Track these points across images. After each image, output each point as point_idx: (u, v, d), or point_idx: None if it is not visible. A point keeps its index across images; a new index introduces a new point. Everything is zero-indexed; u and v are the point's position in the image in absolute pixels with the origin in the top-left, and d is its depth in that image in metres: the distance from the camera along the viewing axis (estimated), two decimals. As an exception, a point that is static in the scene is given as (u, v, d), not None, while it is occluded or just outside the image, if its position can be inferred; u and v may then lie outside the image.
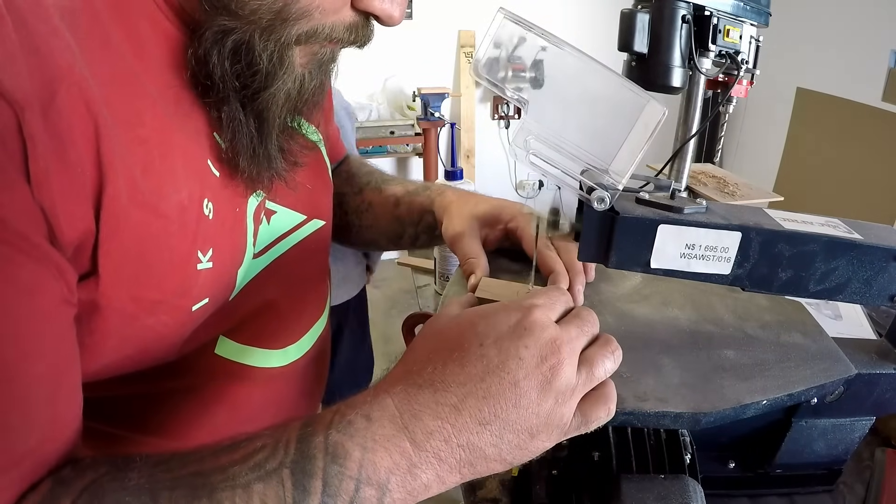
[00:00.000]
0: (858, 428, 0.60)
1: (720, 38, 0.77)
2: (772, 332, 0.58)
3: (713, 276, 0.50)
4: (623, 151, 0.45)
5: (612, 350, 0.41)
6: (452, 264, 1.27)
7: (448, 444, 0.36)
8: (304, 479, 0.34)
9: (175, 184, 0.41)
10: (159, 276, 0.41)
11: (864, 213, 2.69)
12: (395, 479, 0.35)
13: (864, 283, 0.52)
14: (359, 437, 0.36)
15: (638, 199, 0.51)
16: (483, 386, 0.37)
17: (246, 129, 0.45)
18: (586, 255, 0.50)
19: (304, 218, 0.61)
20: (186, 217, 0.42)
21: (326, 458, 0.35)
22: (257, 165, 0.47)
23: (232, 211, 0.48)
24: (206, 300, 0.46)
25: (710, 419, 0.46)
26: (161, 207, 0.40)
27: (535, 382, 0.37)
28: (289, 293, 0.59)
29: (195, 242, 0.43)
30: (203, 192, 0.44)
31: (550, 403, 0.38)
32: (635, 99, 0.45)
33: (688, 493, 0.47)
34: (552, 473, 0.56)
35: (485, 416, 0.37)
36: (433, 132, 3.24)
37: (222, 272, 0.47)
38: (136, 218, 0.38)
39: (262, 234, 0.54)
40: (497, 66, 0.46)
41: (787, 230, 0.49)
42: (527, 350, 0.38)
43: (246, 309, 0.54)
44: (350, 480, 0.35)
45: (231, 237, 0.48)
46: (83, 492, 0.34)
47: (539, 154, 0.45)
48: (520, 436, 0.38)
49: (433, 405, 0.37)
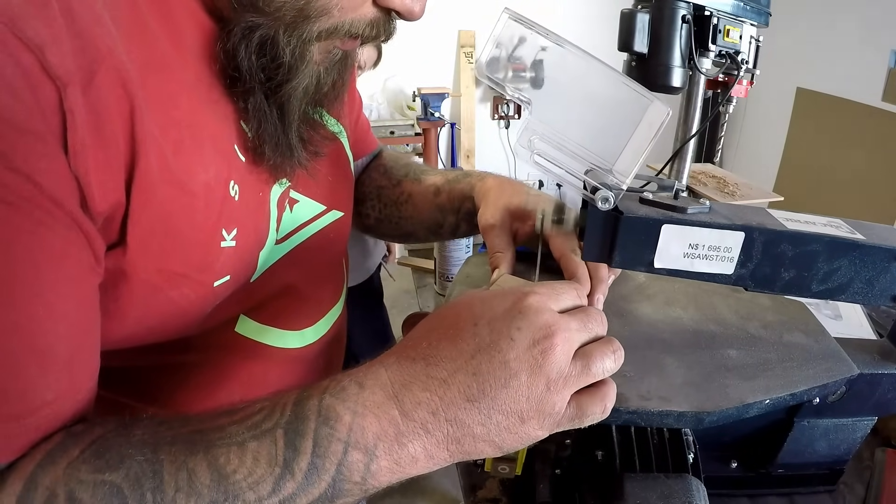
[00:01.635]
0: (860, 428, 0.60)
1: (720, 38, 0.77)
2: (774, 332, 0.58)
3: (716, 276, 0.51)
4: (627, 151, 0.45)
5: (614, 349, 0.41)
6: (452, 264, 1.27)
7: (436, 417, 0.37)
8: (295, 438, 0.36)
9: (203, 164, 0.43)
10: (184, 250, 0.43)
11: (864, 213, 2.70)
12: (383, 446, 0.37)
13: (867, 283, 0.52)
14: (350, 402, 0.37)
15: (641, 198, 0.51)
16: (473, 363, 0.38)
17: (270, 118, 0.47)
18: (590, 254, 0.50)
19: (325, 208, 0.63)
20: (213, 196, 0.44)
21: (318, 420, 0.36)
22: (280, 153, 0.49)
23: (256, 195, 0.50)
24: (228, 277, 0.48)
25: (714, 418, 0.47)
26: (189, 185, 0.42)
27: (526, 364, 0.37)
28: (307, 278, 0.61)
29: (220, 221, 0.45)
30: (230, 175, 0.46)
31: (541, 388, 0.38)
32: (639, 99, 0.45)
33: (691, 492, 0.47)
34: (556, 472, 0.56)
35: (473, 393, 0.37)
36: (433, 132, 3.24)
37: (244, 252, 0.49)
38: (165, 193, 0.40)
39: (284, 222, 0.56)
40: (501, 66, 0.47)
41: (789, 230, 0.50)
42: (519, 332, 0.38)
43: (266, 291, 0.56)
44: (339, 443, 0.36)
45: (254, 220, 0.50)
46: (92, 444, 0.36)
47: (543, 154, 0.46)
48: (509, 417, 0.38)
49: (423, 377, 0.38)
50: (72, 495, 0.34)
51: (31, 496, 0.34)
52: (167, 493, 0.34)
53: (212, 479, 0.35)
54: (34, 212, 0.33)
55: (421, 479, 1.79)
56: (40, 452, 0.36)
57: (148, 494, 0.34)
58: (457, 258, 1.26)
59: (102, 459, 0.35)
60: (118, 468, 0.35)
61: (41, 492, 0.34)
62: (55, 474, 0.35)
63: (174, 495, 0.34)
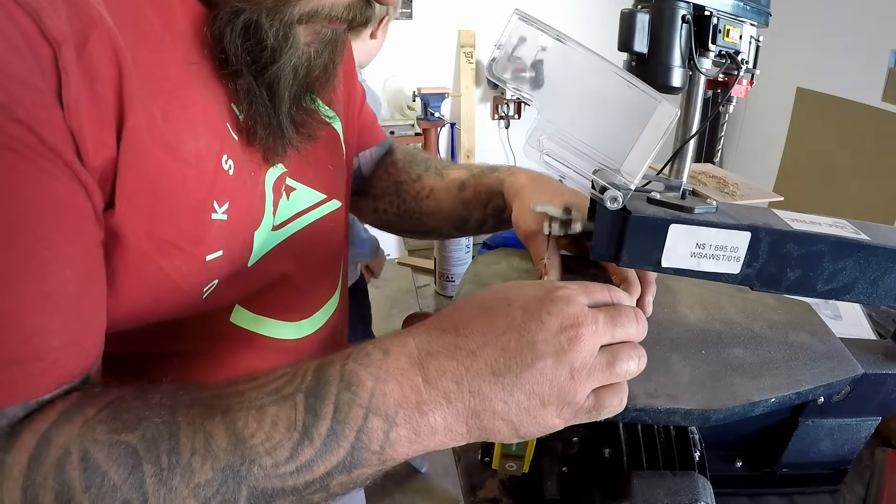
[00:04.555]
0: (864, 428, 0.60)
1: (720, 38, 0.77)
2: (780, 332, 0.58)
3: (723, 276, 0.51)
4: (635, 152, 0.46)
5: (639, 354, 0.42)
6: (452, 264, 1.27)
7: (459, 387, 0.37)
8: (316, 403, 0.36)
9: (194, 133, 0.44)
10: (174, 217, 0.43)
11: (864, 213, 2.70)
12: (403, 413, 0.37)
13: (871, 283, 0.52)
14: (373, 368, 0.37)
15: (649, 198, 0.51)
16: (503, 339, 0.38)
17: (260, 99, 0.48)
18: (598, 253, 0.51)
19: (324, 197, 0.63)
20: (204, 166, 0.45)
21: (340, 385, 0.37)
22: (272, 134, 0.50)
23: (250, 174, 0.50)
24: (221, 252, 0.48)
25: (720, 416, 0.47)
26: (179, 151, 0.42)
27: (552, 348, 0.38)
28: (304, 268, 0.61)
29: (212, 192, 0.45)
30: (222, 149, 0.46)
31: (565, 375, 0.38)
32: (647, 100, 0.45)
33: (697, 490, 0.48)
34: (563, 470, 0.57)
35: (499, 367, 0.38)
36: (433, 132, 3.24)
37: (238, 229, 0.49)
38: (155, 156, 0.41)
39: (282, 209, 0.56)
40: (510, 66, 0.47)
41: (795, 230, 0.50)
42: (549, 316, 0.39)
43: (263, 280, 0.55)
44: (360, 408, 0.36)
45: (248, 198, 0.51)
46: (108, 405, 0.36)
47: (553, 154, 0.46)
48: (530, 398, 0.38)
49: (452, 347, 0.38)
50: (86, 454, 0.34)
51: (43, 454, 0.34)
52: (183, 455, 0.34)
53: (228, 443, 0.35)
54: (37, 159, 0.34)
55: (421, 478, 1.82)
56: (55, 411, 0.36)
57: (164, 456, 0.34)
58: (457, 258, 1.26)
59: (119, 420, 0.35)
60: (134, 429, 0.35)
61: (54, 450, 0.34)
62: (70, 433, 0.35)
63: (190, 458, 0.34)
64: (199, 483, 0.34)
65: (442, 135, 3.44)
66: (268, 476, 0.35)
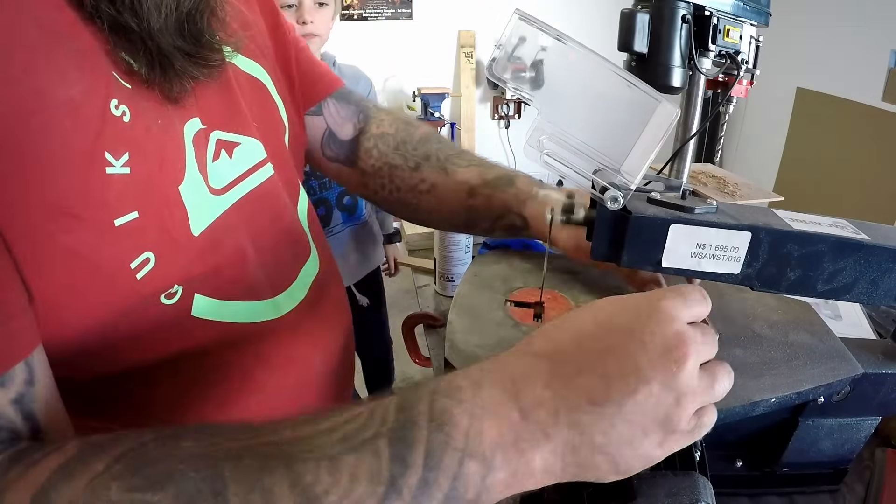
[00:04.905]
0: (864, 428, 0.60)
1: (720, 38, 0.77)
2: (780, 332, 0.58)
3: (723, 276, 0.51)
4: (635, 152, 0.46)
5: (729, 371, 0.38)
6: (452, 264, 1.26)
7: (556, 420, 0.33)
8: (403, 449, 0.31)
9: (65, 81, 0.38)
10: (51, 177, 0.37)
11: (864, 213, 2.70)
12: (501, 455, 0.32)
13: (871, 283, 0.52)
14: (467, 404, 0.33)
15: (650, 198, 0.51)
16: (601, 364, 0.34)
17: (130, 25, 0.41)
18: (599, 253, 0.51)
19: (266, 155, 0.57)
20: (83, 113, 0.39)
21: (431, 426, 0.32)
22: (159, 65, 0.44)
23: (155, 122, 0.44)
24: (135, 214, 0.41)
25: (721, 416, 0.47)
26: (48, 102, 0.37)
27: (659, 373, 0.34)
28: (262, 237, 0.55)
29: (99, 141, 0.39)
30: (109, 94, 0.41)
31: (671, 401, 0.34)
32: (647, 100, 0.45)
33: (698, 490, 0.48)
34: (563, 471, 0.57)
35: (598, 396, 0.34)
36: (433, 132, 3.24)
37: (151, 183, 0.43)
38: (5, 111, 0.35)
39: (221, 170, 0.51)
40: (510, 66, 0.47)
41: (795, 230, 0.50)
42: (652, 337, 0.35)
43: (217, 255, 0.49)
44: (455, 452, 0.31)
45: (158, 147, 0.44)
46: (122, 456, 0.31)
47: (552, 154, 0.46)
48: (633, 428, 0.34)
49: (546, 375, 0.35)
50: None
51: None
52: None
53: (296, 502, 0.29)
54: None
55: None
56: (52, 463, 0.31)
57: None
58: (457, 258, 1.26)
59: (140, 476, 0.30)
60: (164, 487, 0.29)
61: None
62: (73, 492, 0.29)
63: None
64: None
65: (442, 135, 3.45)
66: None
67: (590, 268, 0.70)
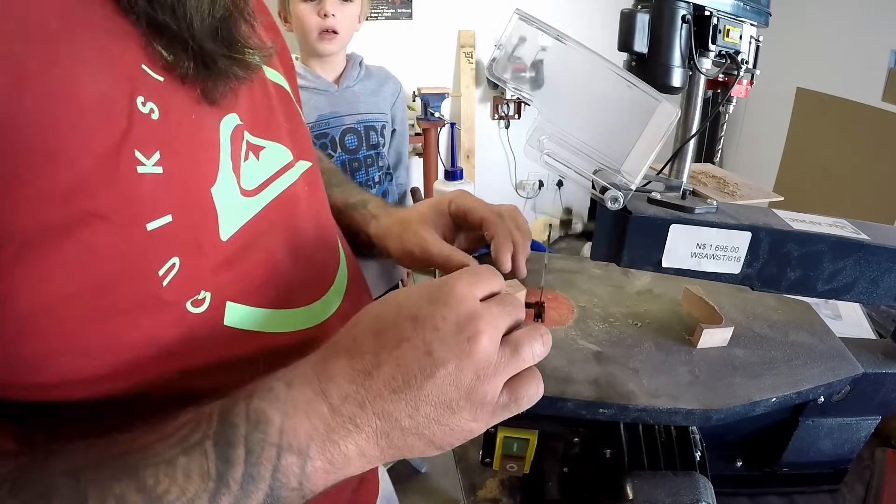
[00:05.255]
0: (864, 427, 0.60)
1: (720, 38, 0.77)
2: (780, 332, 0.59)
3: (723, 276, 0.51)
4: (635, 152, 0.46)
5: (541, 334, 0.41)
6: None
7: (363, 410, 0.37)
8: (226, 449, 0.35)
9: (90, 73, 0.37)
10: (77, 174, 0.35)
11: (864, 213, 2.70)
12: (315, 445, 0.36)
13: (871, 282, 0.52)
14: (279, 403, 0.36)
15: (650, 198, 0.51)
16: (397, 353, 0.37)
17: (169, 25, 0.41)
18: (599, 254, 0.51)
19: (293, 157, 0.57)
20: (110, 110, 0.37)
21: (248, 426, 0.35)
22: (202, 63, 0.43)
23: (188, 117, 0.43)
24: (169, 217, 0.40)
25: (722, 416, 0.47)
26: (72, 96, 0.36)
27: (452, 354, 0.37)
28: (296, 240, 0.55)
29: (128, 139, 0.38)
30: (135, 90, 0.39)
31: (470, 377, 0.37)
32: (647, 100, 0.45)
33: (698, 490, 0.48)
34: (564, 470, 0.57)
35: (398, 384, 0.36)
36: (433, 132, 3.23)
37: (185, 184, 0.42)
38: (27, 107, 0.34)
39: (251, 171, 0.50)
40: (510, 66, 0.47)
41: (795, 230, 0.50)
42: (444, 321, 0.37)
43: (247, 260, 0.48)
44: (272, 447, 0.35)
45: (190, 145, 0.43)
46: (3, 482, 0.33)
47: (553, 154, 0.46)
48: (437, 408, 0.37)
49: (348, 370, 0.37)
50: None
51: None
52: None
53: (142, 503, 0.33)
54: None
55: (421, 478, 1.81)
56: None
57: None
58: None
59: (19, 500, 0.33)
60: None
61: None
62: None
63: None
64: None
65: (442, 135, 3.44)
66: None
67: (590, 268, 0.70)
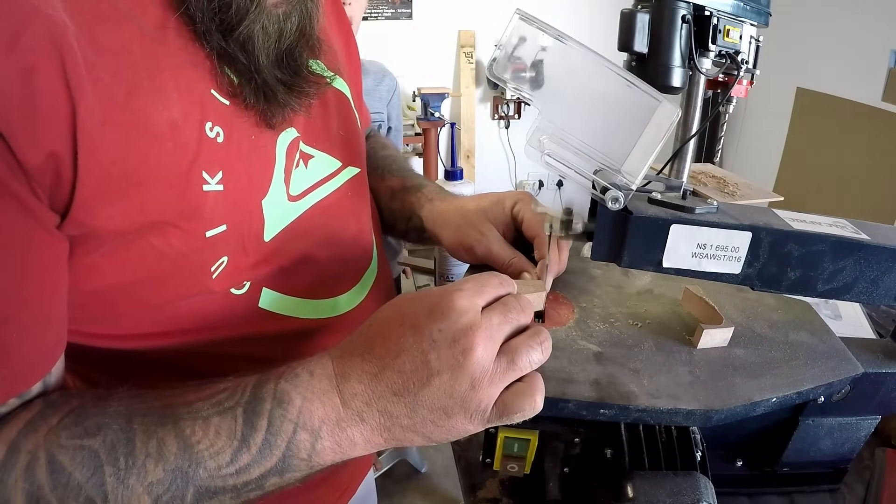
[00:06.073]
0: (864, 427, 0.60)
1: (720, 38, 0.77)
2: (780, 331, 0.59)
3: (724, 276, 0.51)
4: (635, 152, 0.46)
5: (541, 341, 0.42)
6: (452, 264, 1.27)
7: (369, 407, 0.41)
8: (253, 417, 0.40)
9: (166, 103, 0.43)
10: (154, 194, 0.43)
11: (864, 212, 2.70)
12: (326, 428, 0.41)
13: (871, 282, 0.52)
14: (301, 388, 0.41)
15: (650, 198, 0.51)
16: (398, 362, 0.40)
17: (237, 59, 0.47)
18: (599, 254, 0.51)
19: (340, 164, 0.62)
20: (183, 136, 0.44)
21: (273, 402, 0.41)
22: (262, 96, 0.49)
23: (248, 139, 0.50)
24: (224, 227, 0.48)
25: (722, 416, 0.47)
26: (150, 125, 0.42)
27: (447, 364, 0.39)
28: (331, 241, 0.60)
29: (198, 162, 0.45)
30: (205, 116, 0.46)
31: (465, 386, 0.40)
32: (648, 100, 0.45)
33: (699, 490, 0.48)
34: (565, 470, 0.57)
35: (398, 388, 0.40)
36: (433, 132, 3.24)
37: (240, 199, 0.49)
38: (115, 135, 0.40)
39: (299, 178, 0.56)
40: (510, 66, 0.47)
41: (796, 230, 0.50)
42: (440, 333, 0.40)
43: (286, 256, 0.55)
44: (290, 423, 0.40)
45: (248, 165, 0.50)
46: (70, 413, 0.40)
47: (553, 154, 0.46)
48: (433, 412, 0.40)
49: (359, 371, 0.41)
50: (52, 458, 0.38)
51: (13, 459, 0.38)
52: (138, 458, 0.39)
53: (178, 448, 0.39)
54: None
55: (421, 478, 1.81)
56: (21, 420, 0.40)
57: (121, 459, 0.39)
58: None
59: (80, 427, 0.39)
60: (96, 435, 0.39)
61: (23, 455, 0.38)
62: (36, 440, 0.39)
63: (144, 460, 0.39)
64: (152, 482, 0.39)
65: (442, 135, 3.45)
66: (211, 477, 0.40)
67: (590, 268, 0.70)
